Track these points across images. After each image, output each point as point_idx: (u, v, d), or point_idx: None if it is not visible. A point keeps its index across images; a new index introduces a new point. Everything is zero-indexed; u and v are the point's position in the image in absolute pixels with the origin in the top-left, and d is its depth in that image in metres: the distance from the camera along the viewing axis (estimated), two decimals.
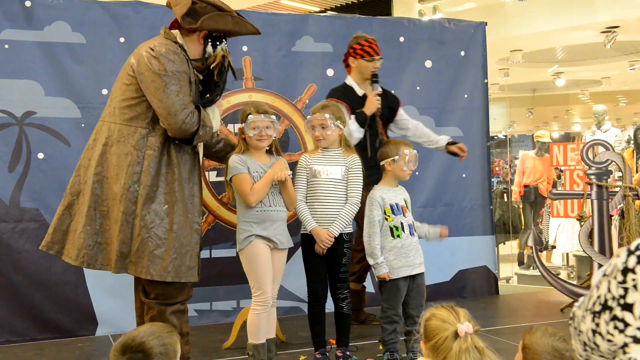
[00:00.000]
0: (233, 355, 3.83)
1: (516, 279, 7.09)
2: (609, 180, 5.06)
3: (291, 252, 3.88)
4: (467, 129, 5.37)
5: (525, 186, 7.93)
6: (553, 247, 7.60)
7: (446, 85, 5.35)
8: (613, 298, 1.20)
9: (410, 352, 3.43)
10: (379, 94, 4.14)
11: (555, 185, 8.01)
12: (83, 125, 4.34)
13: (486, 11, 8.07)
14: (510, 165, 11.11)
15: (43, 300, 4.24)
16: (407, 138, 4.44)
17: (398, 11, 8.46)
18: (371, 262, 3.50)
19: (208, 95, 3.16)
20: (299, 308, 4.75)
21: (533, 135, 8.81)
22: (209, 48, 3.11)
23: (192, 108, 2.99)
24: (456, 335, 1.85)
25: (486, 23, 5.56)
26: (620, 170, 5.06)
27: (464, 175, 5.36)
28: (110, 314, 4.35)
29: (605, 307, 1.22)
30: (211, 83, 3.15)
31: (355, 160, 3.54)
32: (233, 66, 3.27)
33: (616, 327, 1.19)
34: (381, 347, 3.59)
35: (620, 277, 1.19)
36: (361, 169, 3.54)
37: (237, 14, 3.17)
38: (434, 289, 4.97)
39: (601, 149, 5.15)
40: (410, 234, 3.51)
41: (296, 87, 4.90)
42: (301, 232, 3.53)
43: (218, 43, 3.13)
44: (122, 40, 4.46)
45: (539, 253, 5.31)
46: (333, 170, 3.49)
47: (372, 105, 4.10)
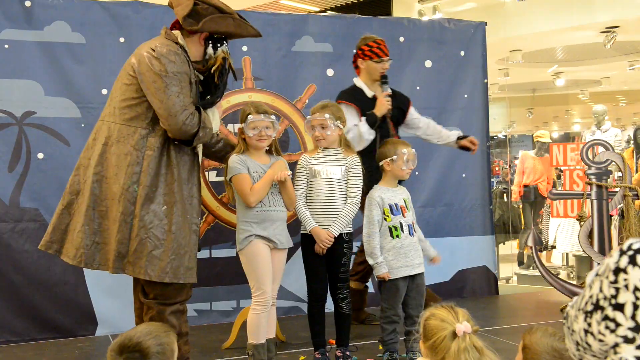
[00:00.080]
0: (233, 355, 3.83)
1: (516, 279, 7.08)
2: (609, 180, 5.06)
3: (291, 252, 3.88)
4: (467, 129, 5.34)
5: (525, 186, 7.92)
6: (553, 247, 7.59)
7: (446, 85, 5.35)
8: (605, 298, 1.20)
9: (410, 352, 3.44)
10: (389, 95, 4.11)
11: (554, 185, 8.00)
12: (83, 125, 4.34)
13: (486, 11, 8.06)
14: (510, 165, 11.11)
15: (43, 300, 4.24)
16: (418, 137, 4.44)
17: (398, 11, 8.45)
18: (370, 262, 3.50)
19: (209, 97, 3.16)
20: (299, 308, 4.75)
21: (533, 135, 8.81)
22: (210, 50, 3.10)
23: (193, 109, 2.99)
24: (454, 334, 1.85)
25: (486, 23, 5.56)
26: (620, 170, 5.06)
27: (464, 175, 5.36)
28: (110, 314, 4.35)
29: (597, 307, 1.22)
30: (211, 85, 3.15)
31: (355, 160, 3.54)
32: (234, 68, 3.26)
33: (607, 327, 1.19)
34: (381, 347, 3.59)
35: (612, 277, 1.19)
36: (361, 169, 3.54)
37: (239, 16, 3.16)
38: (434, 289, 4.96)
39: (601, 149, 5.15)
40: (409, 234, 3.51)
41: (296, 87, 4.90)
42: (301, 232, 3.53)
43: (219, 45, 3.12)
44: (122, 40, 4.46)
45: (539, 253, 5.31)
46: (333, 170, 3.49)
47: (383, 106, 4.06)
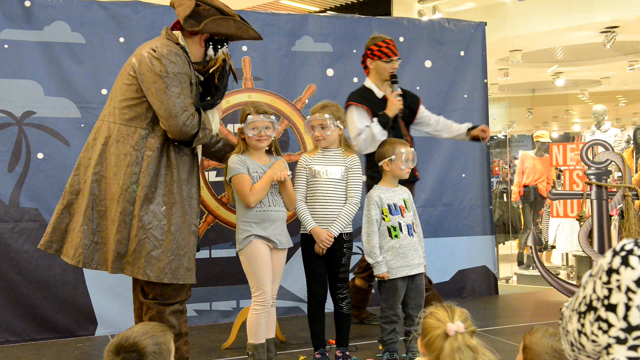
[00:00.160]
0: (233, 355, 3.83)
1: (516, 279, 7.07)
2: (609, 180, 5.05)
3: (291, 252, 3.89)
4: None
5: (524, 186, 7.92)
6: (552, 247, 7.59)
7: (446, 85, 5.35)
8: (598, 299, 1.20)
9: (409, 352, 3.44)
10: (400, 95, 4.08)
11: (554, 185, 8.00)
12: (82, 125, 4.34)
13: (486, 11, 8.06)
14: (509, 165, 11.10)
15: (42, 300, 4.24)
16: (427, 133, 4.43)
17: (397, 11, 8.45)
18: (370, 261, 3.50)
19: (209, 98, 3.15)
20: (299, 308, 4.76)
21: (533, 135, 8.80)
22: (210, 51, 3.10)
23: (193, 110, 2.99)
24: (447, 334, 1.85)
25: (486, 23, 5.56)
26: (619, 170, 5.05)
27: (464, 175, 5.36)
28: (109, 314, 4.35)
29: (590, 308, 1.21)
30: (212, 86, 3.15)
31: (354, 160, 3.54)
32: (234, 69, 3.26)
33: (600, 328, 1.19)
34: (380, 347, 3.59)
35: (605, 278, 1.19)
36: (361, 169, 3.54)
37: (241, 19, 3.15)
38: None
39: (601, 149, 5.14)
40: (409, 234, 3.51)
41: (296, 87, 4.90)
42: (301, 232, 3.53)
43: (219, 46, 3.11)
44: (122, 40, 4.46)
45: (539, 253, 5.31)
46: (333, 170, 3.49)
47: (394, 106, 4.03)
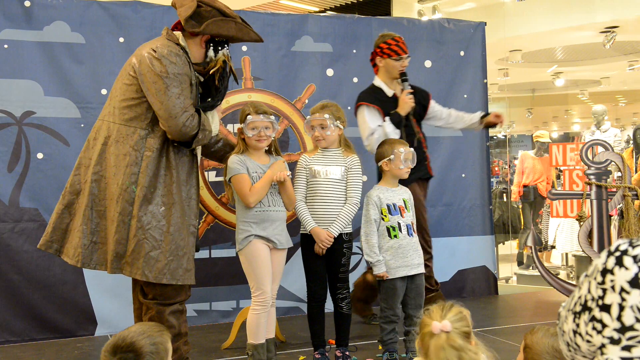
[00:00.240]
0: (232, 355, 3.83)
1: (515, 279, 7.07)
2: (609, 180, 5.06)
3: (291, 252, 3.88)
4: (467, 129, 5.35)
5: (524, 186, 7.92)
6: (552, 247, 7.59)
7: (445, 85, 5.35)
8: (592, 299, 1.20)
9: (409, 352, 3.43)
10: (411, 92, 4.05)
11: (553, 185, 7.99)
12: (82, 125, 4.34)
13: (485, 11, 8.05)
14: (509, 165, 11.10)
15: (42, 300, 4.24)
16: (441, 127, 4.43)
17: (397, 11, 8.45)
18: (369, 260, 3.50)
19: (210, 99, 3.15)
20: (299, 308, 4.75)
21: (532, 135, 8.80)
22: (211, 52, 3.09)
23: (193, 111, 2.98)
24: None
25: (485, 23, 5.56)
26: (619, 170, 5.06)
27: (464, 175, 5.36)
28: (109, 314, 4.35)
29: (585, 308, 1.22)
30: (212, 88, 3.14)
31: (354, 160, 3.53)
32: (235, 72, 3.26)
33: (594, 328, 1.19)
34: (380, 347, 3.59)
35: (599, 278, 1.19)
36: (360, 169, 3.54)
37: (242, 21, 3.14)
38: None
39: (600, 149, 5.15)
40: (408, 234, 3.51)
41: (295, 87, 4.90)
42: (301, 232, 3.53)
43: (220, 48, 3.10)
44: (122, 40, 4.46)
45: (538, 253, 5.31)
46: (333, 170, 3.49)
47: (406, 104, 4.01)
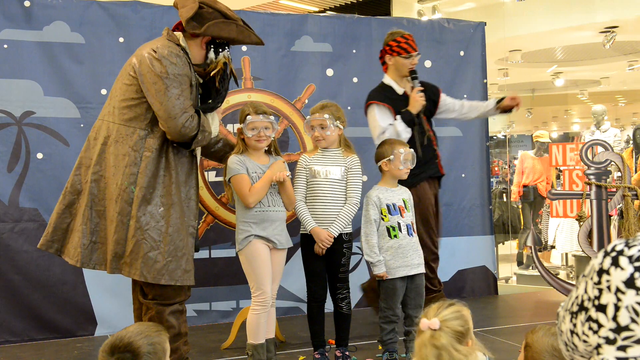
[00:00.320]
0: (232, 355, 3.83)
1: (515, 279, 7.07)
2: (608, 180, 5.06)
3: (291, 253, 3.88)
4: (467, 129, 5.36)
5: (524, 186, 7.92)
6: (552, 247, 7.59)
7: (445, 85, 5.31)
8: (589, 299, 1.20)
9: (409, 352, 3.43)
10: (421, 90, 4.02)
11: (552, 185, 7.99)
12: (82, 125, 4.34)
13: (485, 11, 8.05)
14: (509, 165, 11.11)
15: (42, 300, 4.24)
16: (455, 119, 4.40)
17: (397, 11, 8.44)
18: (369, 260, 3.50)
19: (210, 101, 3.15)
20: (298, 308, 4.75)
21: (532, 135, 8.81)
22: (211, 54, 3.09)
23: (192, 112, 2.98)
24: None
25: (485, 23, 5.56)
26: (619, 170, 5.06)
27: (463, 175, 5.36)
28: (109, 314, 4.35)
29: (581, 308, 1.22)
30: (212, 89, 3.14)
31: (354, 160, 3.53)
32: (236, 74, 3.25)
33: (590, 328, 1.19)
34: (380, 347, 3.59)
35: (596, 278, 1.19)
36: (360, 169, 3.54)
37: (243, 23, 3.14)
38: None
39: (600, 149, 5.15)
40: (408, 234, 3.50)
41: (295, 87, 4.90)
42: (301, 232, 3.53)
43: (220, 50, 3.10)
44: (121, 40, 4.46)
45: (538, 253, 5.31)
46: (332, 170, 3.49)
47: (417, 103, 3.98)
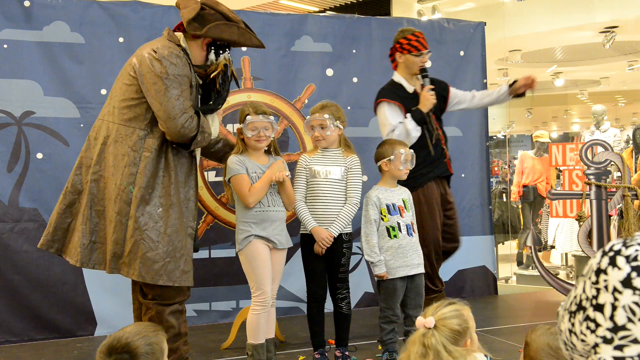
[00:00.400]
0: (232, 355, 3.83)
1: (515, 279, 7.08)
2: (608, 180, 5.06)
3: (291, 253, 3.88)
4: (466, 129, 5.36)
5: (524, 186, 7.92)
6: (552, 247, 7.59)
7: None
8: (587, 298, 1.21)
9: None
10: (432, 89, 4.00)
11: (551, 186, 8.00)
12: (82, 125, 4.34)
13: (485, 11, 8.05)
14: (509, 165, 11.11)
15: (42, 300, 4.24)
16: (467, 109, 4.40)
17: (397, 11, 8.45)
18: (370, 260, 3.50)
19: (211, 103, 3.14)
20: (298, 308, 4.75)
21: (532, 135, 8.81)
22: (212, 56, 3.09)
23: (192, 113, 2.98)
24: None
25: (485, 23, 5.56)
26: (619, 170, 5.06)
27: (463, 175, 5.36)
28: (109, 314, 4.35)
29: (580, 308, 1.22)
30: (213, 91, 3.14)
31: (354, 160, 3.53)
32: (236, 76, 3.25)
33: (588, 327, 1.19)
34: (380, 347, 3.59)
35: (593, 278, 1.20)
36: (360, 169, 3.54)
37: (245, 26, 3.14)
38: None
39: (600, 149, 5.15)
40: (408, 234, 3.51)
41: (295, 87, 4.90)
42: (301, 232, 3.53)
43: (221, 52, 3.10)
44: (121, 40, 4.46)
45: (538, 253, 5.31)
46: (332, 170, 3.49)
47: (428, 101, 3.95)
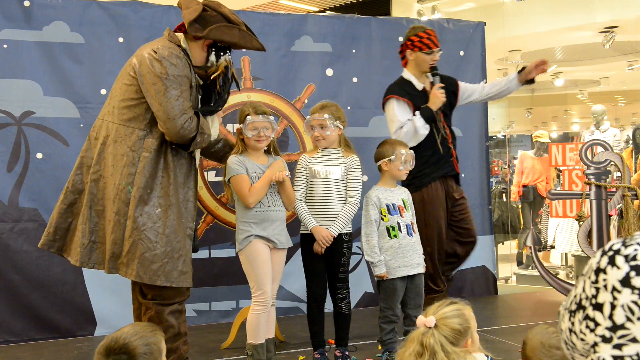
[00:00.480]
0: (232, 355, 3.83)
1: (515, 279, 7.08)
2: (608, 180, 5.06)
3: (291, 253, 3.88)
4: (466, 129, 5.36)
5: (524, 186, 7.92)
6: (552, 247, 7.59)
7: None
8: (586, 298, 1.21)
9: None
10: (442, 87, 3.99)
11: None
12: (82, 125, 4.34)
13: (485, 11, 8.05)
14: (509, 165, 11.11)
15: (42, 300, 4.24)
16: (477, 101, 4.39)
17: (397, 11, 8.44)
18: (370, 260, 3.50)
19: (211, 104, 3.14)
20: (298, 308, 4.75)
21: (532, 135, 8.81)
22: (212, 57, 3.08)
23: (192, 114, 2.97)
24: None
25: (485, 23, 5.56)
26: (619, 170, 5.06)
27: (463, 175, 5.33)
28: (109, 314, 4.35)
29: (579, 307, 1.23)
30: (213, 93, 3.14)
31: (354, 160, 3.53)
32: (237, 78, 3.25)
33: (588, 327, 1.20)
34: (380, 347, 3.60)
35: (593, 277, 1.20)
36: (360, 169, 3.54)
37: (246, 28, 3.13)
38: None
39: (600, 149, 5.15)
40: (408, 234, 3.51)
41: (295, 87, 4.90)
42: (301, 232, 3.53)
43: (222, 54, 3.09)
44: (121, 40, 4.46)
45: (538, 253, 5.31)
46: (333, 170, 3.49)
47: (438, 99, 3.95)
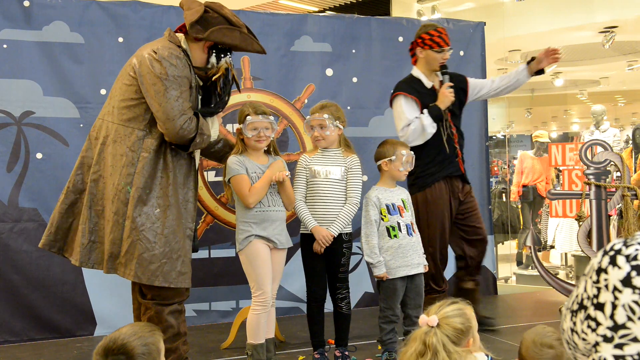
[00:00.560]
0: (232, 355, 3.83)
1: (515, 279, 7.08)
2: (608, 180, 5.06)
3: (291, 253, 3.88)
4: (466, 129, 5.29)
5: (524, 186, 7.93)
6: (551, 247, 7.60)
7: None
8: (588, 298, 1.21)
9: None
10: (451, 86, 3.98)
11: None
12: (82, 125, 4.34)
13: (485, 11, 8.05)
14: (508, 165, 11.11)
15: (41, 300, 4.24)
16: (488, 95, 4.36)
17: (397, 11, 8.44)
18: (369, 261, 3.50)
19: (212, 105, 3.14)
20: (298, 308, 4.75)
21: (532, 135, 8.81)
22: (213, 59, 3.08)
23: (191, 114, 2.97)
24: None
25: (485, 23, 5.56)
26: (618, 170, 5.06)
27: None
28: (108, 314, 4.34)
29: (581, 307, 1.23)
30: (213, 94, 3.14)
31: (354, 160, 3.53)
32: (238, 80, 3.25)
33: (589, 326, 1.20)
34: (380, 347, 3.60)
35: (594, 277, 1.21)
36: (360, 169, 3.54)
37: (248, 31, 3.13)
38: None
39: (600, 149, 5.15)
40: (408, 234, 3.51)
41: (295, 87, 4.89)
42: (301, 232, 3.53)
43: (222, 55, 3.09)
44: (121, 40, 4.46)
45: (538, 253, 5.31)
46: (332, 170, 3.49)
47: (447, 98, 3.94)
